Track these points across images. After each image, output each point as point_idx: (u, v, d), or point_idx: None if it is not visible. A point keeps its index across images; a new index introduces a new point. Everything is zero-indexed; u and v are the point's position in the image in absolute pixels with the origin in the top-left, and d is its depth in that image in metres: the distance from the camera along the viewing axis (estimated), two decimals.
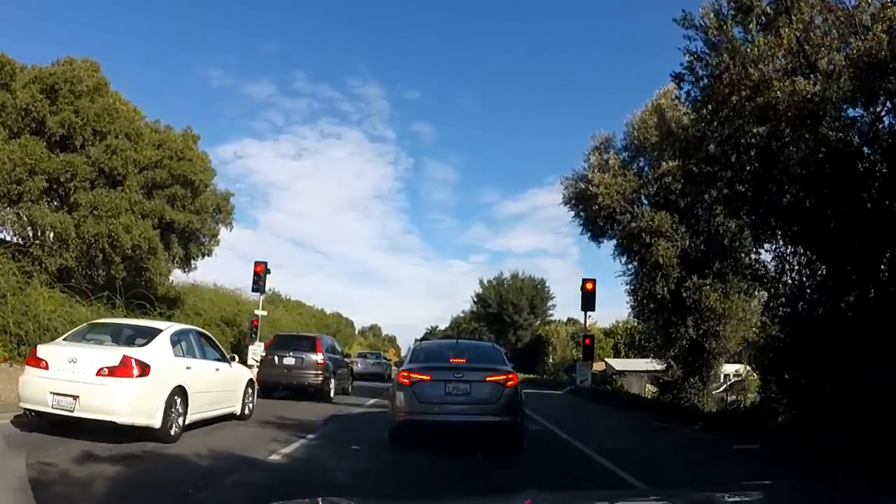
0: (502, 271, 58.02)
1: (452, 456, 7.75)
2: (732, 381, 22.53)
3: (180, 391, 8.21)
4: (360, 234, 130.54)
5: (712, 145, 13.24)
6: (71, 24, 74.97)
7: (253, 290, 22.55)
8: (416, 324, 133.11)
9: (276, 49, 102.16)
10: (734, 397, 20.55)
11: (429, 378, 8.49)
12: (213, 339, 10.93)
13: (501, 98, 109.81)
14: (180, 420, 8.18)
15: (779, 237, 14.32)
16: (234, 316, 25.29)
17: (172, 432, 7.92)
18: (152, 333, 8.50)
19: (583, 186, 19.05)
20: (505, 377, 8.59)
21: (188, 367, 8.68)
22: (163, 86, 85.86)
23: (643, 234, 17.95)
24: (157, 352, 8.09)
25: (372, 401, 16.51)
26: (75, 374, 7.35)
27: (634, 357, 38.35)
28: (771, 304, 15.13)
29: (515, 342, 49.56)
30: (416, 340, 34.27)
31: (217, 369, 9.82)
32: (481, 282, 56.36)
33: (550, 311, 54.49)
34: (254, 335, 21.32)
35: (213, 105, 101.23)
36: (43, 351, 7.80)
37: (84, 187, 17.29)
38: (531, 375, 37.67)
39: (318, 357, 16.07)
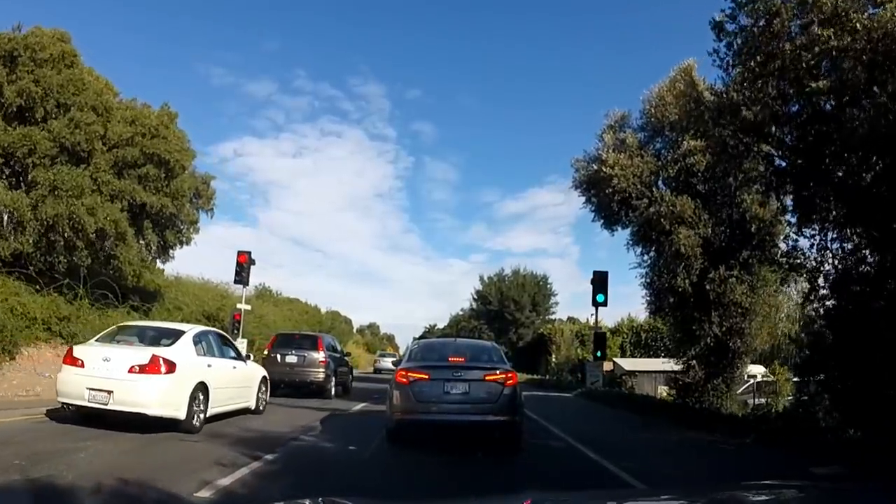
0: (503, 267, 56.06)
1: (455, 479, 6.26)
2: (757, 382, 20.72)
3: (202, 387, 9.05)
4: (359, 233, 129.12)
5: (754, 109, 11.55)
6: (70, 20, 73.24)
7: (235, 282, 20.77)
8: (415, 323, 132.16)
9: (276, 47, 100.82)
10: (762, 400, 18.84)
11: (427, 377, 8.38)
12: (230, 339, 11.78)
13: (502, 97, 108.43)
14: (202, 413, 9.06)
15: (822, 220, 12.72)
16: (218, 310, 23.53)
17: (196, 424, 8.79)
18: (177, 335, 9.37)
19: (595, 168, 17.30)
20: (504, 376, 8.48)
21: (209, 365, 9.52)
22: (163, 83, 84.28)
23: (662, 221, 16.22)
24: (182, 351, 8.97)
25: (360, 406, 14.91)
26: (109, 372, 8.22)
27: (640, 356, 36.69)
28: (811, 297, 13.52)
29: (517, 340, 47.72)
30: (415, 339, 32.65)
31: (234, 367, 10.63)
32: (481, 278, 54.55)
33: (553, 309, 52.71)
34: (236, 331, 19.56)
35: (213, 103, 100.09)
36: (79, 351, 8.67)
37: (43, 164, 15.56)
38: (535, 376, 35.91)
39: (320, 355, 16.55)
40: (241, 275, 20.14)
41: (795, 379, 16.92)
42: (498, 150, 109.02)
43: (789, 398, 19.14)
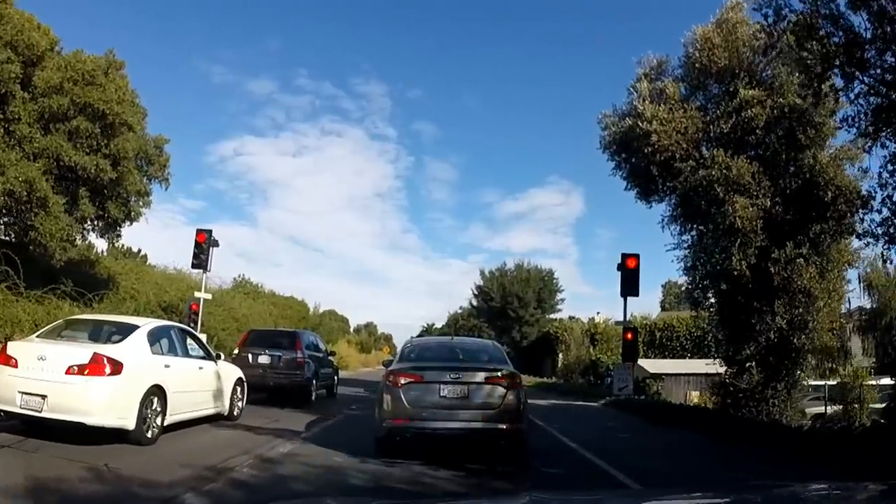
0: (505, 262, 52.61)
1: None
2: (829, 386, 17.30)
3: (158, 391, 8.06)
4: (359, 232, 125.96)
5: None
6: (68, 18, 69.78)
7: (193, 266, 17.49)
8: (413, 322, 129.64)
9: (278, 46, 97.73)
10: (834, 408, 15.69)
11: (420, 379, 7.68)
12: (198, 336, 10.81)
13: (503, 98, 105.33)
14: (158, 421, 8.03)
15: None
16: (180, 301, 20.31)
17: (149, 434, 7.78)
18: (128, 330, 8.35)
19: (630, 123, 14.09)
20: (507, 379, 7.79)
21: (167, 366, 8.49)
22: (163, 81, 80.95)
23: (716, 187, 13.07)
24: (132, 349, 7.96)
25: (330, 422, 11.72)
26: (44, 373, 7.25)
27: (654, 357, 33.58)
28: None
29: (520, 340, 44.43)
30: (412, 339, 29.46)
31: (200, 367, 9.56)
32: (482, 273, 50.91)
33: (559, 306, 49.33)
34: (193, 324, 16.33)
35: (213, 101, 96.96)
36: (13, 348, 7.73)
37: None
38: (544, 379, 32.70)
39: (298, 355, 14.77)
40: (200, 257, 16.92)
41: (887, 381, 13.72)
42: (498, 151, 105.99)
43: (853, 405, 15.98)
